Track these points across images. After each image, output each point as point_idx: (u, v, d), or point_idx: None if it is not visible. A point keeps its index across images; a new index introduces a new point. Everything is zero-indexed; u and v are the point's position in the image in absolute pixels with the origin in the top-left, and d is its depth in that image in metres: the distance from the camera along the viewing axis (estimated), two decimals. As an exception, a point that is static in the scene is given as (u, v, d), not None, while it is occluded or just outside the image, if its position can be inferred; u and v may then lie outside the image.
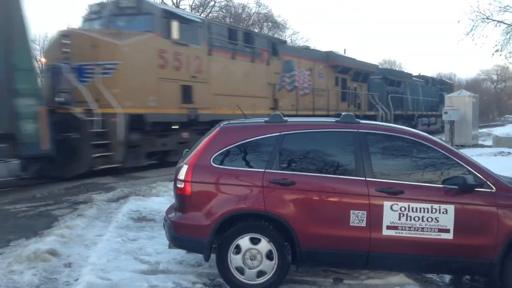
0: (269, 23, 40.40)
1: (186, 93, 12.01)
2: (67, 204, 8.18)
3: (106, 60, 10.38)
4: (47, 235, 5.81)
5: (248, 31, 17.03)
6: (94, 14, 12.02)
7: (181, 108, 11.96)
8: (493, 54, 22.92)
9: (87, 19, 12.23)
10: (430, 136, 4.70)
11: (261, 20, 39.90)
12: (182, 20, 11.90)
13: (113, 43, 10.54)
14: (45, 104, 9.19)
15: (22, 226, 6.67)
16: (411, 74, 31.77)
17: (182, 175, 4.42)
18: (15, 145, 8.72)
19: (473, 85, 64.65)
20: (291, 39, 43.01)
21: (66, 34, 10.73)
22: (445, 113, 20.10)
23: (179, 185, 4.45)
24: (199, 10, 35.04)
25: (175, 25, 11.33)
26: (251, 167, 4.43)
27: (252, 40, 14.73)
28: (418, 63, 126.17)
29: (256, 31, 28.04)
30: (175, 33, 11.35)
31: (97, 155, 10.31)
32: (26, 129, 8.74)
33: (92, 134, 10.16)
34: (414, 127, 23.80)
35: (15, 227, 6.58)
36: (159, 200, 8.36)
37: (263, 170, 4.35)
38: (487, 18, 22.63)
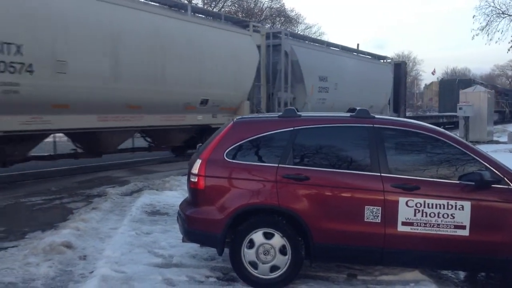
0: (282, 18, 40.22)
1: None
2: (81, 197, 8.26)
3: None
4: (63, 228, 5.87)
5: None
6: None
7: None
8: (508, 50, 22.57)
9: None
10: (446, 132, 4.65)
11: (273, 15, 39.74)
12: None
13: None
14: None
15: (37, 218, 6.76)
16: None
17: (195, 169, 4.42)
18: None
19: (487, 81, 63.79)
20: (303, 34, 42.76)
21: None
22: (460, 109, 19.89)
23: (192, 179, 4.46)
24: (211, 5, 35.00)
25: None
26: (264, 161, 4.41)
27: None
28: (432, 58, 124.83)
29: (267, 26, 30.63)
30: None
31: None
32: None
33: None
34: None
35: (30, 220, 6.66)
36: (173, 194, 8.40)
37: (277, 165, 4.33)
38: (503, 13, 22.31)
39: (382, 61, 23.71)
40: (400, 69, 25.13)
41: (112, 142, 11.48)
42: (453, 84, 40.26)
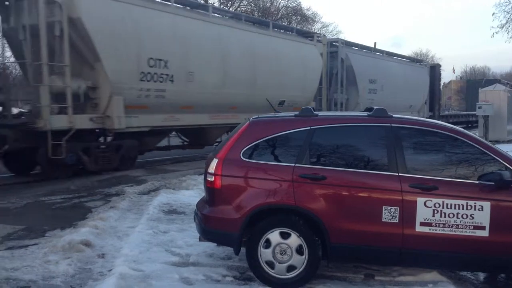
0: (298, 17, 40.11)
1: None
2: (100, 196, 8.37)
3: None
4: (81, 226, 5.95)
5: None
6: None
7: None
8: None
9: None
10: (465, 131, 4.58)
11: (290, 14, 39.65)
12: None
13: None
14: None
15: (57, 217, 6.87)
16: None
17: (212, 168, 4.44)
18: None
19: (508, 79, 62.70)
20: (320, 32, 42.61)
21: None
22: (479, 108, 19.60)
23: (209, 179, 4.47)
24: (228, 5, 35.07)
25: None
26: (280, 161, 4.40)
27: None
28: (450, 56, 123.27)
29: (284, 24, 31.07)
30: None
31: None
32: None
33: None
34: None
35: (50, 218, 6.77)
36: (189, 193, 8.45)
37: (293, 164, 4.32)
38: (524, 10, 21.87)
39: (419, 64, 26.61)
40: (435, 71, 27.51)
41: (213, 136, 14.35)
42: (480, 84, 41.66)
